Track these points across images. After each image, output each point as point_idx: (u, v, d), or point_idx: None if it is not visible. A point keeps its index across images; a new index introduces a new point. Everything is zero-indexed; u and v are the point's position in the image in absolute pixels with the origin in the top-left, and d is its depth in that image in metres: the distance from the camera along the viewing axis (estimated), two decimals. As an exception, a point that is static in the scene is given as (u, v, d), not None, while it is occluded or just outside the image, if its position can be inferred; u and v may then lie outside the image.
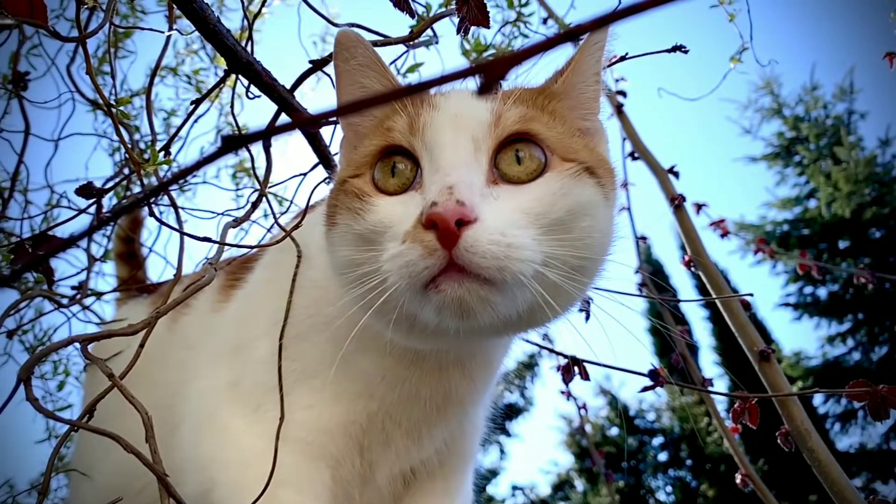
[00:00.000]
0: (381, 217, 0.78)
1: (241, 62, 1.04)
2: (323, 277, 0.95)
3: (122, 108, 0.97)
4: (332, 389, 0.93)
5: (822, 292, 9.58)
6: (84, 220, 1.21)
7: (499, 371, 1.04)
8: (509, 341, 1.00)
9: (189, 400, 0.99)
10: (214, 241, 0.94)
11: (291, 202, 1.26)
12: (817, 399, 8.87)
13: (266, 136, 0.36)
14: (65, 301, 1.27)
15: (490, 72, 0.32)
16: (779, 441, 1.20)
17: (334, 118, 1.12)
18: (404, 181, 0.80)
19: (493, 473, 12.25)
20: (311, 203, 1.00)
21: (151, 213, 1.01)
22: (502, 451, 12.49)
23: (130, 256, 1.74)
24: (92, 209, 1.08)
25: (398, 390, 0.93)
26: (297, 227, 0.96)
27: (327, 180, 1.09)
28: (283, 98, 1.09)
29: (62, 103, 1.73)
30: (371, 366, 0.92)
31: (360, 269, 0.76)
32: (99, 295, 1.65)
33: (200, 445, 0.94)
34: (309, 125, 0.92)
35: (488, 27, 0.96)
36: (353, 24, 1.10)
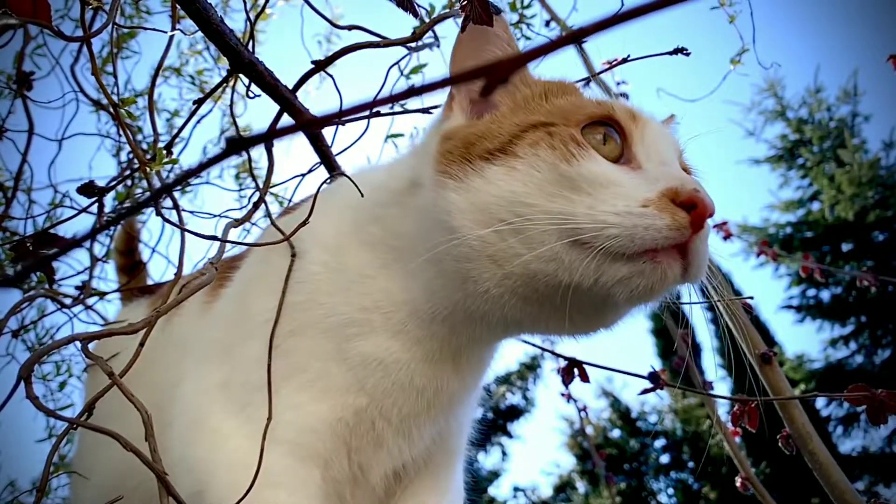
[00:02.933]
0: (603, 171, 0.80)
1: (243, 62, 1.05)
2: (323, 270, 0.95)
3: (126, 108, 0.97)
4: (321, 384, 0.92)
5: (825, 295, 9.56)
6: (86, 220, 1.21)
7: (486, 373, 1.05)
8: (499, 344, 1.02)
9: (180, 401, 0.99)
10: (218, 239, 0.94)
11: (290, 202, 1.26)
12: (820, 402, 8.85)
13: (270, 137, 0.36)
14: (68, 301, 1.27)
15: (494, 73, 0.32)
16: (780, 444, 1.20)
17: (341, 119, 1.12)
18: (612, 153, 0.83)
19: (495, 475, 12.24)
20: (314, 202, 1.00)
21: (158, 213, 1.01)
22: (504, 453, 12.49)
23: (131, 268, 1.75)
24: (93, 208, 1.08)
25: (393, 377, 0.92)
26: (301, 226, 0.96)
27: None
28: (285, 98, 1.09)
29: (66, 103, 1.73)
30: (371, 348, 0.92)
31: (537, 207, 0.78)
32: (101, 295, 1.66)
33: (191, 446, 0.93)
34: (313, 127, 0.93)
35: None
36: (354, 26, 1.11)
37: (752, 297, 1.09)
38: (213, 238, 0.96)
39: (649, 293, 0.78)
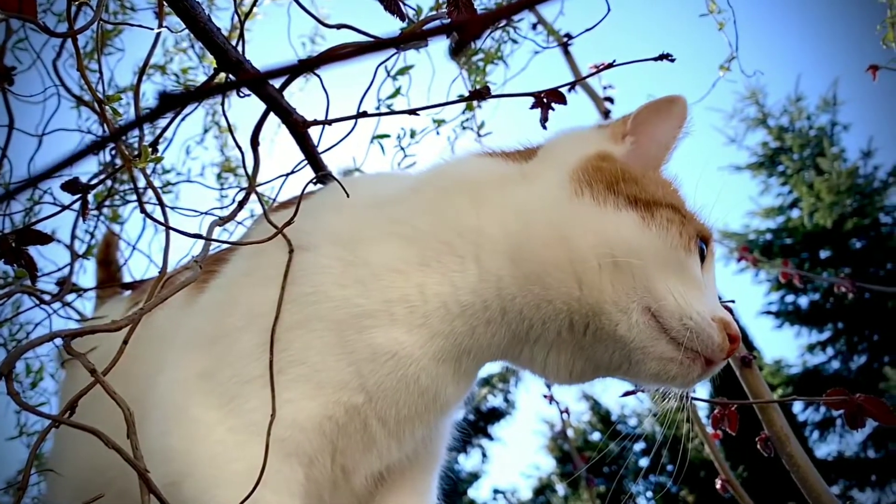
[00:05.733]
0: (699, 276, 0.93)
1: (230, 61, 1.04)
2: (336, 263, 0.94)
3: (111, 104, 0.96)
4: (316, 379, 0.91)
5: (804, 301, 9.67)
6: (67, 216, 1.20)
7: (472, 387, 1.07)
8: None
9: (157, 390, 0.96)
10: (203, 238, 0.93)
11: (274, 200, 1.26)
12: (797, 407, 8.94)
13: (205, 95, 0.36)
14: (47, 297, 1.26)
15: (466, 30, 0.32)
16: (758, 446, 1.21)
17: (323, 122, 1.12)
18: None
19: (475, 477, 12.23)
20: (301, 199, 1.00)
21: (143, 211, 1.00)
22: (484, 455, 12.49)
23: (111, 279, 1.76)
24: (76, 205, 1.07)
25: (401, 372, 0.91)
26: (289, 223, 0.96)
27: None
28: (272, 97, 1.08)
29: (47, 98, 1.72)
30: (384, 340, 0.91)
31: (646, 267, 0.88)
32: (81, 291, 1.64)
33: (169, 437, 0.91)
34: (256, 83, 0.91)
35: (479, 36, 0.97)
36: (342, 25, 1.11)
37: (732, 301, 1.10)
38: (199, 237, 0.95)
39: (671, 380, 0.91)
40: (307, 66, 0.34)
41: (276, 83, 1.11)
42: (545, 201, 0.93)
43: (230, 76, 1.09)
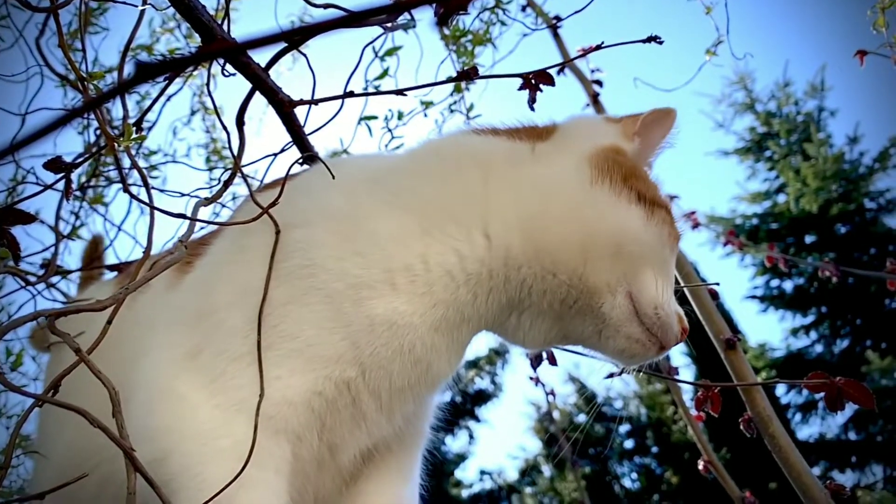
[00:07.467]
0: (673, 272, 1.02)
1: (216, 40, 1.03)
2: (332, 237, 0.94)
3: (95, 82, 0.95)
4: (308, 354, 0.90)
5: (788, 285, 9.77)
6: (51, 196, 1.19)
7: (460, 364, 1.07)
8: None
9: (143, 370, 0.95)
10: (188, 218, 0.92)
11: (261, 182, 1.25)
12: (780, 389, 9.06)
13: (183, 65, 0.36)
14: (32, 279, 1.25)
15: (449, 1, 0.31)
16: (741, 427, 1.22)
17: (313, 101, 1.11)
18: None
19: (462, 458, 12.34)
20: (286, 179, 0.99)
21: (126, 190, 0.99)
22: (471, 436, 12.59)
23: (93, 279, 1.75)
24: (60, 185, 1.06)
25: (397, 342, 0.92)
26: (273, 203, 0.95)
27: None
28: (257, 76, 1.08)
29: (30, 77, 1.69)
30: (383, 310, 0.91)
31: (642, 259, 0.95)
32: (66, 273, 1.63)
33: (154, 415, 0.90)
34: (230, 53, 0.90)
35: (467, 12, 0.96)
36: (330, 5, 1.10)
37: (717, 284, 1.11)
38: (184, 217, 0.95)
39: (630, 357, 1.00)
40: (288, 35, 0.33)
41: (262, 61, 1.10)
42: (565, 182, 0.98)
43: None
